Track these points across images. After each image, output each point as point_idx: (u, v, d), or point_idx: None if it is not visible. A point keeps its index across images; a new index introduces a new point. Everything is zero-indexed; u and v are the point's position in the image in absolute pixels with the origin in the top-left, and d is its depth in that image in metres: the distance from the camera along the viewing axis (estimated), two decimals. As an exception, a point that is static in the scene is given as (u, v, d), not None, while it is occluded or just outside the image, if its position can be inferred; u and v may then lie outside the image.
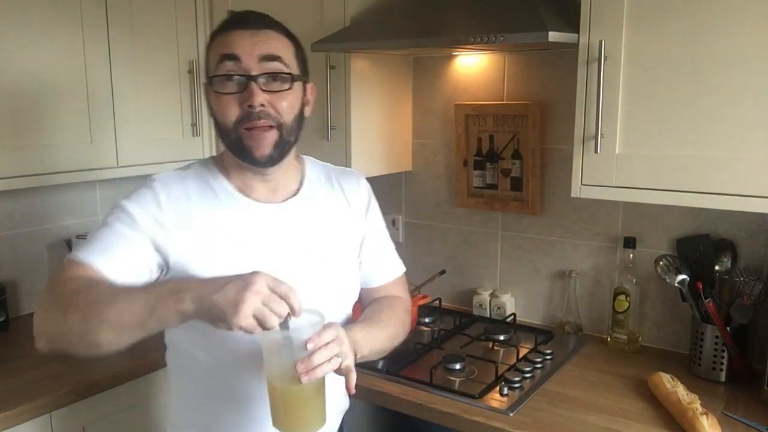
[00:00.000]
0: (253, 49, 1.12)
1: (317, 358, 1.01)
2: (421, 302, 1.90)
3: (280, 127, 1.15)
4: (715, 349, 1.63)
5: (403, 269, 1.47)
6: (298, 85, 1.18)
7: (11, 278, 2.06)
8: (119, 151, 1.94)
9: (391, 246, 1.46)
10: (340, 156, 1.94)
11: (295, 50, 1.20)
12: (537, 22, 1.47)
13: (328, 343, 1.03)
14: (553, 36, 1.44)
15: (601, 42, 1.46)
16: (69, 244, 2.13)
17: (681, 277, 1.69)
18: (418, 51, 2.08)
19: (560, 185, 1.95)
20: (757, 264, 1.68)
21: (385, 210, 2.32)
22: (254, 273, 0.95)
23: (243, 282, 0.93)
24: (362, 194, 1.39)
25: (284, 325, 0.99)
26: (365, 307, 1.37)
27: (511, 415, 1.47)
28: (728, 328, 1.61)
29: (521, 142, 1.99)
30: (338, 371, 1.07)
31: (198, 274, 1.12)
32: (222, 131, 1.17)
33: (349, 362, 1.09)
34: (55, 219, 2.17)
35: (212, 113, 1.19)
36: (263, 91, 1.13)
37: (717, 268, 1.69)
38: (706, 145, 1.40)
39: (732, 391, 1.59)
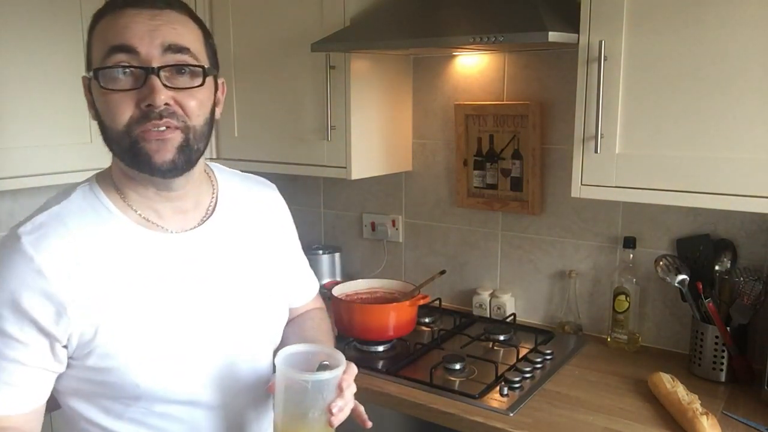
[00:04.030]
0: (153, 36, 0.90)
1: (349, 396, 0.97)
2: (421, 302, 1.90)
3: (186, 130, 0.94)
4: (715, 349, 1.63)
5: (318, 285, 1.37)
6: (209, 80, 0.97)
7: (11, 278, 2.06)
8: (119, 151, 1.94)
9: (306, 261, 1.33)
10: (340, 156, 1.94)
11: (204, 38, 0.99)
12: (537, 22, 1.47)
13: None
14: (553, 36, 1.44)
15: (601, 42, 1.46)
16: (69, 244, 2.13)
17: (681, 277, 1.69)
18: (418, 51, 2.08)
19: (560, 185, 1.95)
20: (757, 264, 1.68)
21: (385, 210, 2.35)
22: None
23: None
24: (280, 206, 1.24)
25: (322, 368, 0.98)
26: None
27: (511, 415, 1.47)
28: (728, 328, 1.61)
29: (521, 142, 1.99)
30: None
31: (104, 346, 0.93)
32: (111, 137, 0.93)
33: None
34: (55, 219, 2.16)
35: (96, 115, 0.95)
36: (167, 87, 0.91)
37: (717, 268, 1.69)
38: (706, 145, 1.40)
39: (732, 391, 1.59)
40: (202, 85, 0.95)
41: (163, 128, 0.91)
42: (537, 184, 1.97)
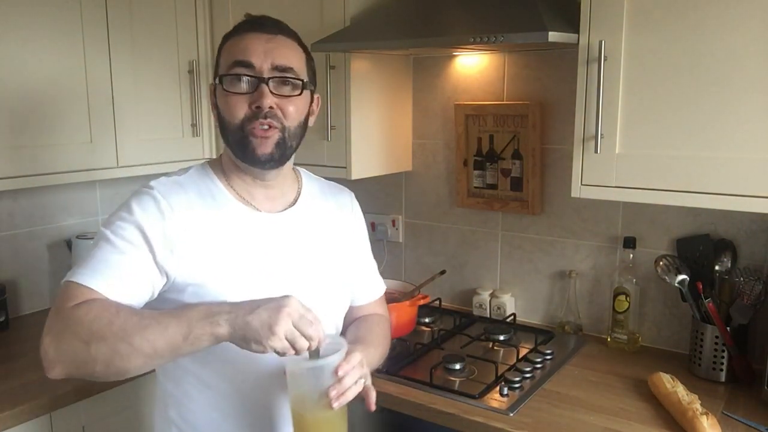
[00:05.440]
0: (267, 57, 1.14)
1: (347, 383, 1.06)
2: (421, 302, 1.90)
3: (283, 130, 1.17)
4: (715, 349, 1.63)
5: (384, 288, 1.51)
6: (306, 93, 1.20)
7: (11, 278, 2.06)
8: (119, 151, 1.94)
9: (375, 265, 1.50)
10: (340, 156, 1.94)
11: (306, 60, 1.23)
12: (537, 22, 1.47)
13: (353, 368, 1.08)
14: (553, 36, 1.44)
15: (601, 42, 1.46)
16: (69, 244, 2.13)
17: (681, 277, 1.69)
18: (418, 51, 2.08)
19: (560, 185, 1.95)
20: (757, 264, 1.68)
21: (385, 210, 2.34)
22: (287, 296, 1.00)
23: (276, 304, 0.98)
24: (354, 210, 1.42)
25: (314, 353, 1.04)
26: (347, 324, 1.39)
27: (511, 415, 1.47)
28: (728, 328, 1.61)
29: (521, 142, 1.99)
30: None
31: (200, 285, 1.14)
32: (226, 129, 1.18)
33: (369, 382, 1.14)
34: (55, 219, 2.17)
35: (218, 112, 1.19)
36: (273, 94, 1.14)
37: (717, 268, 1.69)
38: (706, 145, 1.40)
39: (732, 391, 1.59)
40: (299, 95, 1.18)
41: (266, 126, 1.15)
42: (537, 184, 1.97)
